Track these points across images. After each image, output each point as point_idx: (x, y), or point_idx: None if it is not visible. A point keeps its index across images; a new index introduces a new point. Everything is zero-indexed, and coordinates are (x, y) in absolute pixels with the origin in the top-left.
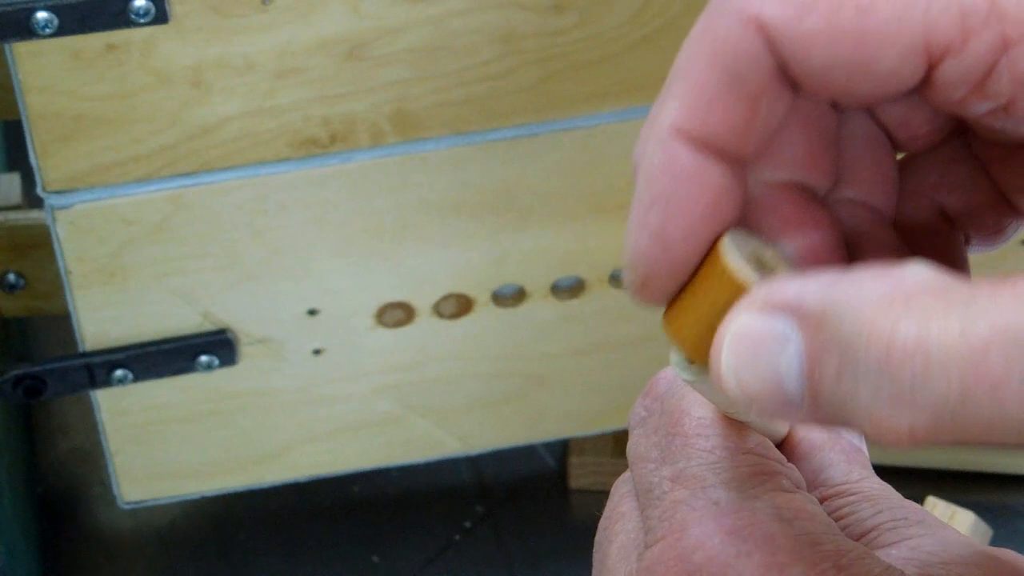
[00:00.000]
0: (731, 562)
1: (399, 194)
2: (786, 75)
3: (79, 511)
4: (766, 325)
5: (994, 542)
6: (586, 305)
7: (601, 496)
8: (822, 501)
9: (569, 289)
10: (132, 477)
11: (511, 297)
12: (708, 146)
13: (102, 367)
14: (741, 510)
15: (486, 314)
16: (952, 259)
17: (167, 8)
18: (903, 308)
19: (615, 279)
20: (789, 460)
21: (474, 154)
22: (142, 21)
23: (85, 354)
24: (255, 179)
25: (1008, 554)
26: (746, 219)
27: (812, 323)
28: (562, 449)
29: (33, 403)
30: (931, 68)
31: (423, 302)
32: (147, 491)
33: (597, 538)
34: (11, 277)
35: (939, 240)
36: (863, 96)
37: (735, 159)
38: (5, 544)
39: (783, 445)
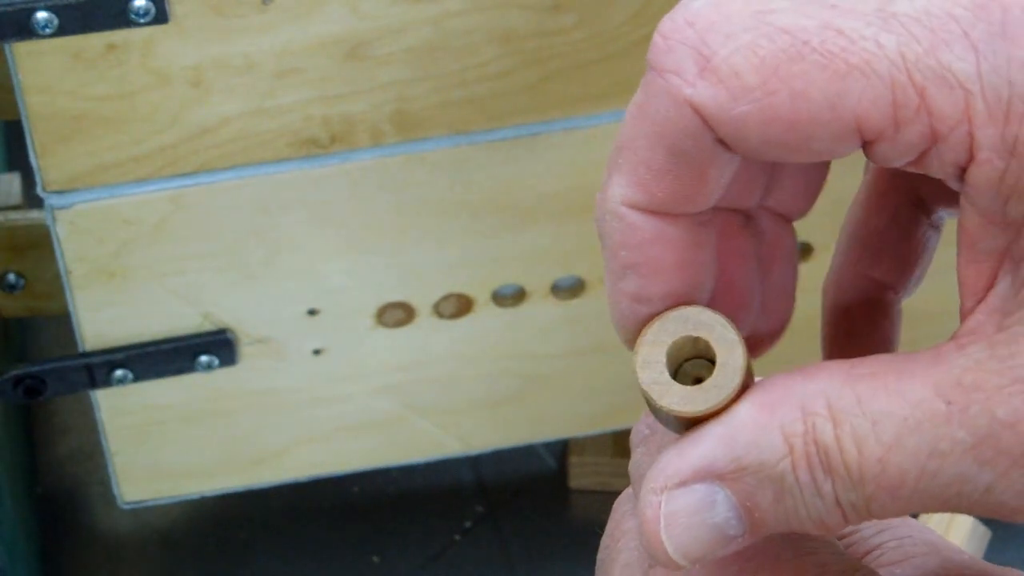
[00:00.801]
0: None
1: (399, 194)
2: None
3: (79, 511)
4: (689, 498)
5: (992, 543)
6: (586, 305)
7: (601, 496)
8: None
9: (569, 289)
10: (132, 477)
11: (511, 297)
12: (661, 213)
13: (102, 367)
14: None
15: (486, 314)
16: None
17: (167, 8)
18: (806, 426)
19: None
20: None
21: (474, 154)
22: (142, 21)
23: (85, 354)
24: (255, 179)
25: (1013, 573)
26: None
27: (734, 476)
28: (562, 449)
29: (33, 403)
30: (865, 145)
31: (423, 302)
32: (147, 491)
33: (600, 556)
34: (11, 277)
35: (906, 234)
36: (801, 162)
37: (693, 214)
38: (5, 544)
39: None
